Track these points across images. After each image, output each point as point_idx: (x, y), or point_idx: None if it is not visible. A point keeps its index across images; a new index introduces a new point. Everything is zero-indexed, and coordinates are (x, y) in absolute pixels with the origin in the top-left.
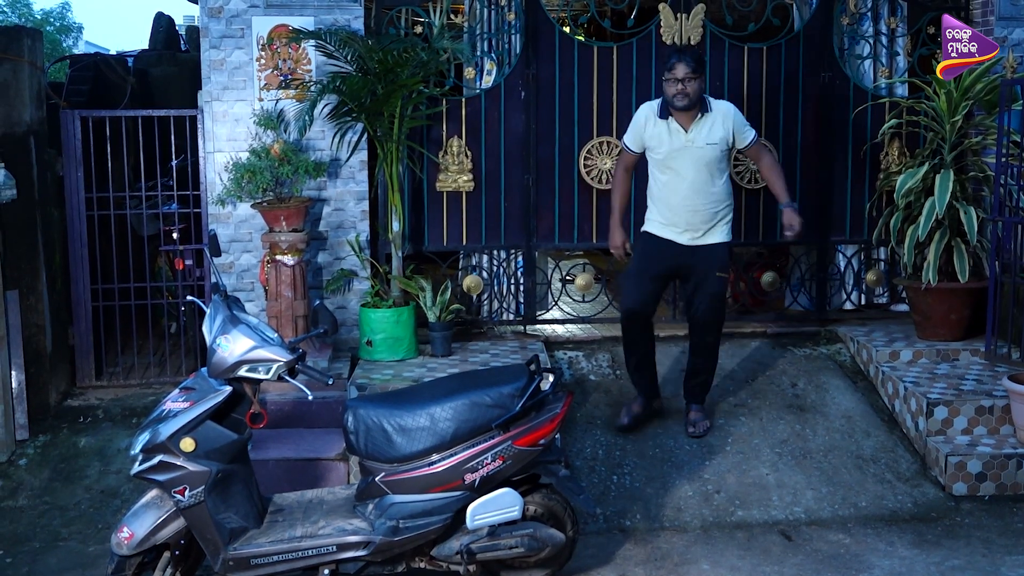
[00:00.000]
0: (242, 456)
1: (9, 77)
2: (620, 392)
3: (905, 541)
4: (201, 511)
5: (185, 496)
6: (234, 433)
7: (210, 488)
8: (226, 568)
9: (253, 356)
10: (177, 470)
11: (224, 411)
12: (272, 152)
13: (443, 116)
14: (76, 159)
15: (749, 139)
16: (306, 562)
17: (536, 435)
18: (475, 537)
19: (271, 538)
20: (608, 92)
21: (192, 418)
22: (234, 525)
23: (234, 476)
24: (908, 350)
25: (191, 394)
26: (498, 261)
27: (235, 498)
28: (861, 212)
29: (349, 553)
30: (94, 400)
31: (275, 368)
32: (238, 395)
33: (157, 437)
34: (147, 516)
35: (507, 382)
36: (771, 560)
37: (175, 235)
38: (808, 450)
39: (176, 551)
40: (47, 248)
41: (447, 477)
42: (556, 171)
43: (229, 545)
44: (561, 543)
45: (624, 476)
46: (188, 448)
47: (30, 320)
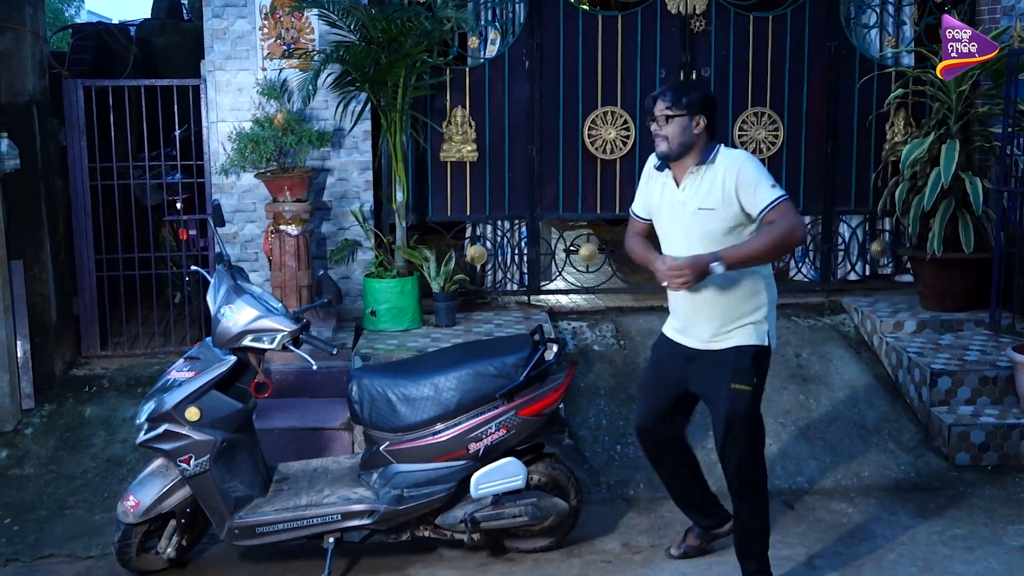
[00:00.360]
0: (247, 425)
1: (11, 46)
2: (624, 362)
3: (908, 511)
4: (206, 480)
5: (190, 465)
6: (239, 402)
7: (215, 457)
8: (232, 536)
9: (257, 326)
10: (182, 439)
11: (229, 381)
12: (275, 122)
13: (447, 86)
14: (79, 129)
15: (763, 205)
16: (311, 530)
17: (540, 405)
18: (479, 506)
19: (276, 507)
20: (613, 62)
21: (197, 388)
22: (239, 494)
23: (239, 445)
24: (912, 321)
25: (196, 364)
26: (502, 231)
27: (240, 467)
28: (866, 182)
29: (354, 522)
30: (99, 370)
31: (279, 338)
32: (243, 365)
33: (162, 406)
34: (153, 485)
35: (511, 352)
36: (774, 529)
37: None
38: (811, 420)
39: (182, 519)
40: (51, 218)
41: (451, 446)
42: (560, 141)
43: (234, 514)
44: (565, 512)
45: (628, 446)
46: (193, 417)
47: (34, 290)
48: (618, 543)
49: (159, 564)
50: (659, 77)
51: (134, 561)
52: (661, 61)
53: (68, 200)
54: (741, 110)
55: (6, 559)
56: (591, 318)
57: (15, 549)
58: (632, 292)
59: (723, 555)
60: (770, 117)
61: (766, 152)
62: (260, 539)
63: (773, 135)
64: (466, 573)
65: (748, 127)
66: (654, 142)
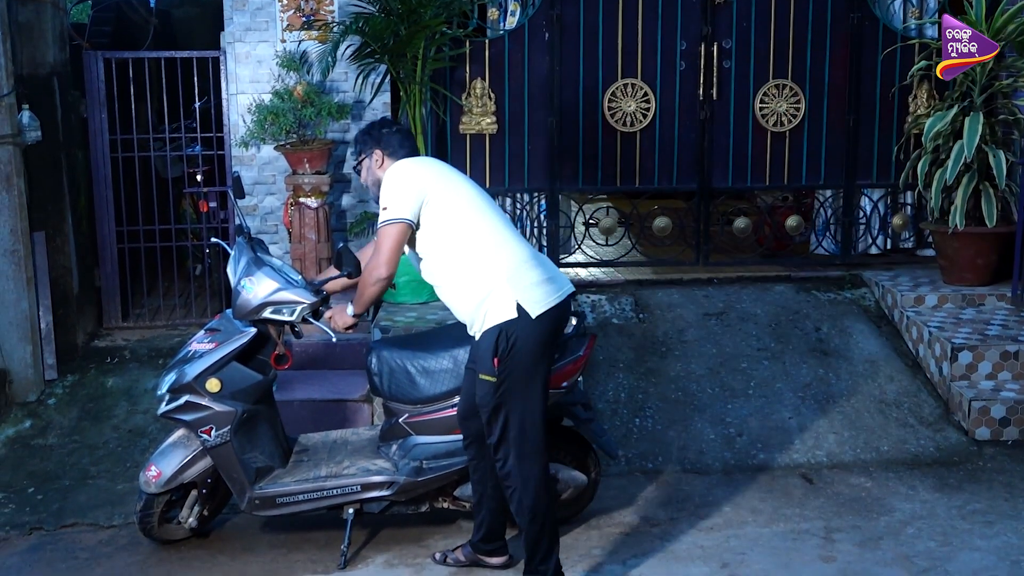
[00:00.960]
0: (267, 397)
1: (32, 18)
2: (643, 335)
3: (927, 485)
4: (227, 451)
5: (211, 436)
6: (259, 374)
7: (236, 428)
8: (252, 507)
9: (277, 298)
10: (203, 410)
11: (249, 352)
12: (295, 94)
13: (466, 58)
14: (100, 101)
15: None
16: (331, 501)
17: (559, 377)
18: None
19: (296, 478)
20: (633, 34)
21: (218, 359)
22: (259, 464)
23: (259, 416)
24: (933, 295)
25: (216, 335)
26: (521, 204)
27: (260, 438)
28: (888, 155)
29: (373, 493)
30: (121, 341)
31: (299, 310)
32: (263, 337)
33: (183, 378)
34: (174, 455)
35: None
36: (792, 503)
37: (199, 177)
38: (831, 394)
39: (203, 490)
40: (72, 190)
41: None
42: (580, 114)
43: (255, 484)
44: (583, 484)
45: (646, 419)
46: (214, 389)
47: (57, 262)
48: (636, 516)
49: (180, 534)
50: (680, 49)
51: (156, 530)
52: (682, 33)
53: (89, 172)
54: (762, 82)
55: (30, 527)
56: (610, 291)
57: (39, 517)
58: (652, 265)
59: (740, 528)
60: (792, 89)
61: (787, 125)
62: (280, 509)
63: (795, 108)
64: None
65: (769, 100)
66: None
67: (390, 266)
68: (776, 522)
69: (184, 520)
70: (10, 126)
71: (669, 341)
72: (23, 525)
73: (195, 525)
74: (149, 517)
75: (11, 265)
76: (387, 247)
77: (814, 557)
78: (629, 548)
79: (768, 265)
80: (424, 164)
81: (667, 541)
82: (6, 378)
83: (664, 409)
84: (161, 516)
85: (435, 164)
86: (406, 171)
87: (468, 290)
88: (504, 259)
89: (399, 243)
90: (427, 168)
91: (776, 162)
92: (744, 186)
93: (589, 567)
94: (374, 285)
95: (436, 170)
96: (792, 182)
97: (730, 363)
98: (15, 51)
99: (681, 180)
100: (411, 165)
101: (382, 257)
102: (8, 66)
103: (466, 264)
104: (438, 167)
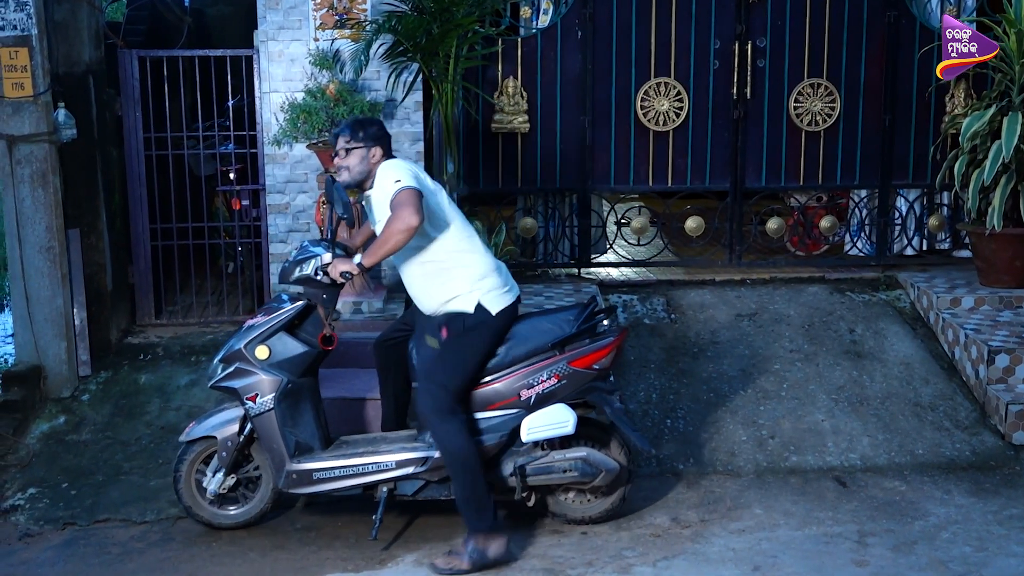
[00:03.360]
0: (312, 373)
1: (68, 16)
2: (675, 336)
3: (962, 489)
4: (269, 420)
5: (256, 403)
6: (305, 345)
7: (279, 398)
8: (289, 483)
9: (300, 256)
10: (251, 376)
11: (298, 329)
12: (327, 92)
13: (499, 56)
14: (134, 99)
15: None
16: (366, 479)
17: (591, 358)
18: (530, 458)
19: (334, 454)
20: (666, 32)
21: (267, 327)
22: (300, 440)
23: (303, 393)
24: (970, 297)
25: (268, 309)
26: (553, 203)
27: (303, 416)
28: (925, 156)
29: (407, 470)
30: (154, 338)
31: (313, 263)
32: (310, 310)
33: (235, 345)
34: (213, 415)
35: (564, 311)
36: (825, 506)
37: (232, 175)
38: (865, 397)
39: (223, 452)
40: (107, 188)
41: (504, 393)
42: (612, 112)
43: (293, 458)
44: (615, 471)
45: (678, 420)
46: (262, 356)
47: (91, 259)
48: (667, 517)
49: (202, 500)
50: (714, 48)
51: (182, 481)
52: (716, 31)
53: (123, 170)
54: (797, 81)
55: (64, 522)
56: (642, 291)
57: (72, 513)
58: (684, 265)
59: (772, 531)
60: (827, 88)
61: (822, 124)
62: (316, 487)
63: (829, 107)
64: (516, 540)
65: (804, 99)
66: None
67: (419, 215)
68: (808, 525)
69: (207, 484)
70: (46, 124)
71: (701, 342)
72: (57, 520)
73: (215, 492)
74: (180, 465)
75: (46, 262)
76: (412, 201)
77: (847, 561)
78: (660, 550)
79: (802, 266)
80: (415, 166)
81: (698, 543)
82: (41, 374)
83: (696, 410)
84: (190, 473)
85: (420, 168)
86: (407, 164)
87: (437, 286)
88: (474, 266)
89: (420, 201)
90: (419, 169)
91: (810, 162)
92: (778, 186)
93: (619, 569)
94: (403, 233)
95: (423, 174)
96: (827, 182)
97: (762, 364)
98: (51, 49)
99: (714, 180)
100: (407, 162)
101: (410, 208)
102: (44, 64)
103: (440, 263)
104: (422, 172)
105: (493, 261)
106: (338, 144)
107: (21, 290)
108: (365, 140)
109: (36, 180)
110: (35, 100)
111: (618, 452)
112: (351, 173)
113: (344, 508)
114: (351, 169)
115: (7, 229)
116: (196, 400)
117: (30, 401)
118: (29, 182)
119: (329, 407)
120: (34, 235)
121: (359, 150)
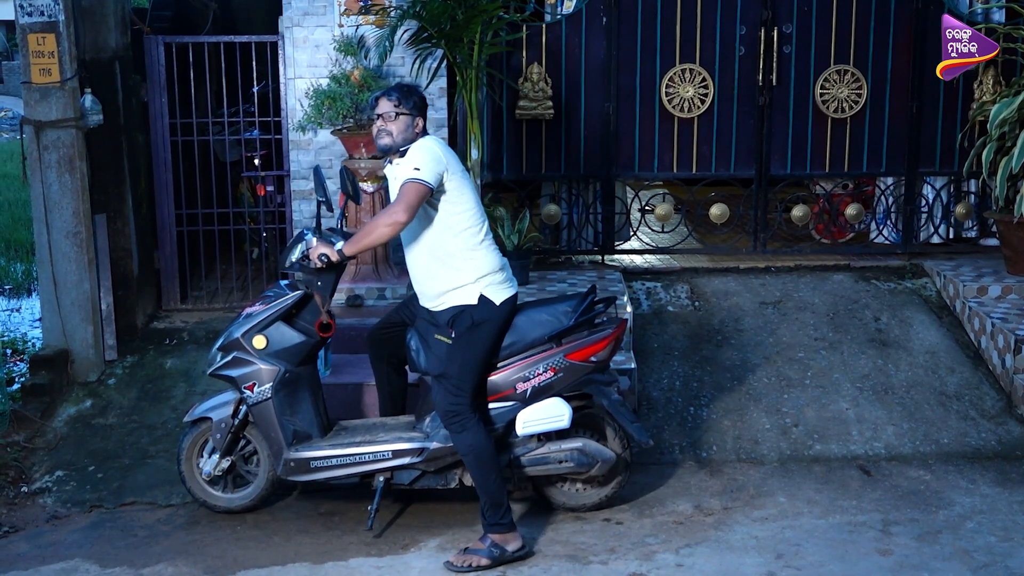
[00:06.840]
0: (310, 363)
1: (95, 3)
2: (698, 324)
3: (988, 479)
4: (267, 409)
5: (254, 392)
6: (302, 335)
7: (277, 386)
8: (287, 470)
9: (293, 242)
10: (248, 365)
11: (296, 319)
12: (352, 78)
13: (523, 42)
14: (160, 85)
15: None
16: (362, 467)
17: (587, 351)
18: (525, 449)
19: (331, 443)
20: (692, 18)
21: (264, 317)
22: (298, 428)
23: (301, 381)
24: (997, 285)
25: (266, 299)
26: (577, 190)
27: (301, 404)
28: (952, 143)
29: (404, 460)
30: (179, 323)
31: (299, 248)
32: (308, 299)
33: (232, 334)
34: (213, 398)
35: (562, 302)
36: (849, 494)
37: (256, 161)
38: (890, 385)
39: (217, 434)
40: (133, 173)
41: (500, 385)
42: (637, 99)
43: (291, 446)
44: (611, 461)
45: (701, 408)
46: (260, 345)
47: (117, 244)
48: (690, 505)
49: (200, 481)
50: (739, 34)
51: (183, 463)
52: (741, 17)
53: (149, 156)
54: (823, 68)
55: (90, 505)
56: (666, 278)
57: (99, 495)
58: (708, 253)
59: (795, 519)
60: (853, 75)
61: (848, 111)
62: (314, 475)
63: (856, 94)
64: (534, 529)
65: (830, 85)
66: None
67: (409, 214)
68: (832, 514)
69: (202, 465)
70: (73, 110)
71: (725, 329)
72: (84, 503)
73: (210, 472)
74: (182, 446)
75: (73, 247)
76: (411, 199)
77: (870, 550)
78: (682, 537)
79: (827, 254)
80: (450, 150)
81: (721, 531)
82: (68, 358)
83: (719, 398)
84: (190, 455)
85: (454, 153)
86: (441, 148)
87: (443, 275)
88: (482, 260)
89: (420, 201)
90: (451, 155)
91: (836, 149)
92: (803, 173)
93: (642, 555)
94: (388, 227)
95: (456, 160)
96: (853, 169)
97: (786, 352)
98: (78, 36)
99: (739, 167)
100: (443, 145)
101: (404, 204)
102: (71, 50)
103: (449, 252)
104: (456, 157)
105: (501, 258)
106: (382, 107)
107: (49, 275)
108: (413, 109)
109: (63, 166)
110: (62, 86)
111: (615, 442)
112: (394, 139)
113: (367, 494)
114: (395, 135)
115: (34, 214)
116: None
117: (57, 385)
118: (56, 168)
119: (334, 392)
120: (61, 220)
121: (406, 117)
